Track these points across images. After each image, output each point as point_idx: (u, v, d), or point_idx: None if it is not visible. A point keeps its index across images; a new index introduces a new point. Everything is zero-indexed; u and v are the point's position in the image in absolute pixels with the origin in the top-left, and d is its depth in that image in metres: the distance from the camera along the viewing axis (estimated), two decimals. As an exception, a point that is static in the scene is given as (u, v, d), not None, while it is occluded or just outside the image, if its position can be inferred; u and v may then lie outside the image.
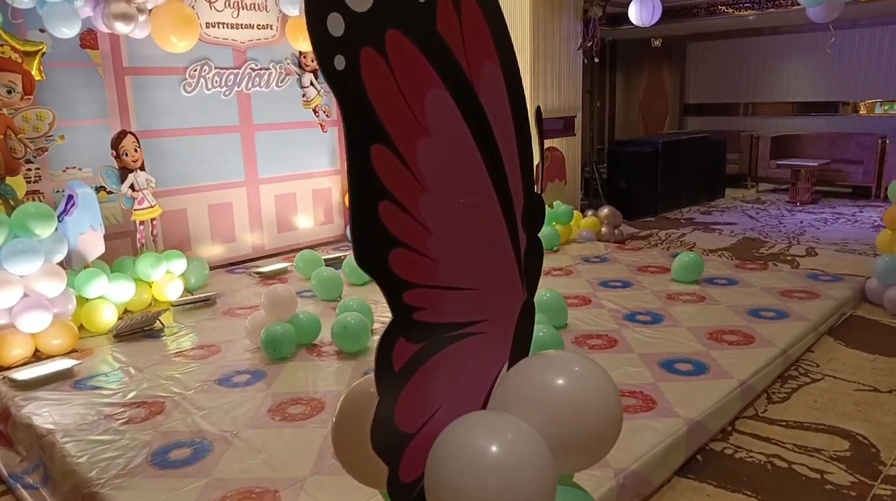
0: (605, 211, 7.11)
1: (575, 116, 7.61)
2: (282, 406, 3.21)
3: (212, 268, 5.69)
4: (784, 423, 3.17)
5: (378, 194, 1.03)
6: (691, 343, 3.83)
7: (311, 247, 6.66)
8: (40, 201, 4.80)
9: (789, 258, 6.13)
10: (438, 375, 1.21)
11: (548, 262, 5.84)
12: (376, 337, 1.31)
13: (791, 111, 10.38)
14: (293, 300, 3.92)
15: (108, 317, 4.34)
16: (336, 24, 0.95)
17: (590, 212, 7.20)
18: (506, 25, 1.26)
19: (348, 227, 6.89)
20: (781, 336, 3.87)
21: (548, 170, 6.43)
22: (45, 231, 3.85)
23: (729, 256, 6.19)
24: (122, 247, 5.20)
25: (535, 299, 1.43)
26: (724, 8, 8.90)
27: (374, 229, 1.05)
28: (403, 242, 1.09)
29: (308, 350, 3.94)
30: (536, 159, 6.89)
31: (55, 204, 4.83)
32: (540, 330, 3.50)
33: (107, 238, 4.76)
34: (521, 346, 1.43)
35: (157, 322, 4.39)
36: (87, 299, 4.33)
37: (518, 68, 1.31)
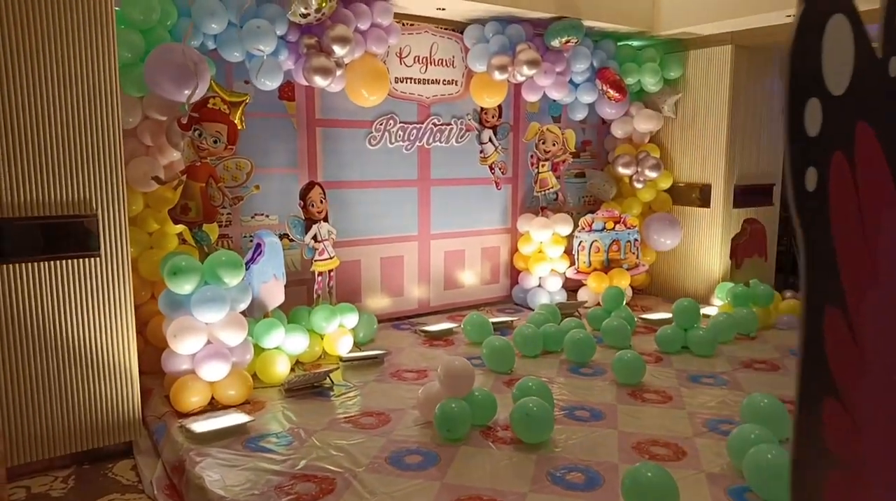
0: (807, 293, 6.23)
1: (773, 184, 6.83)
2: (459, 503, 2.86)
3: (378, 322, 5.57)
4: None
5: (825, 388, 0.64)
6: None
7: (476, 306, 6.41)
8: (228, 246, 4.93)
9: None
10: None
11: (746, 351, 5.13)
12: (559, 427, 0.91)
13: None
14: (471, 377, 3.60)
15: (281, 369, 4.27)
16: (813, 117, 0.60)
17: (788, 294, 6.35)
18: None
19: (514, 288, 6.60)
20: None
21: (745, 245, 5.74)
22: (233, 279, 3.85)
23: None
24: (298, 294, 5.20)
25: (749, 403, 0.97)
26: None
27: (814, 441, 0.65)
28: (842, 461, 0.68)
29: (482, 432, 3.58)
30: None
31: (242, 248, 4.94)
32: (769, 450, 2.90)
33: (286, 285, 4.77)
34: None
35: (328, 378, 4.26)
36: (263, 348, 4.30)
37: None
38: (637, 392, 4.26)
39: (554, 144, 6.28)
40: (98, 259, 3.48)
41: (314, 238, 4.78)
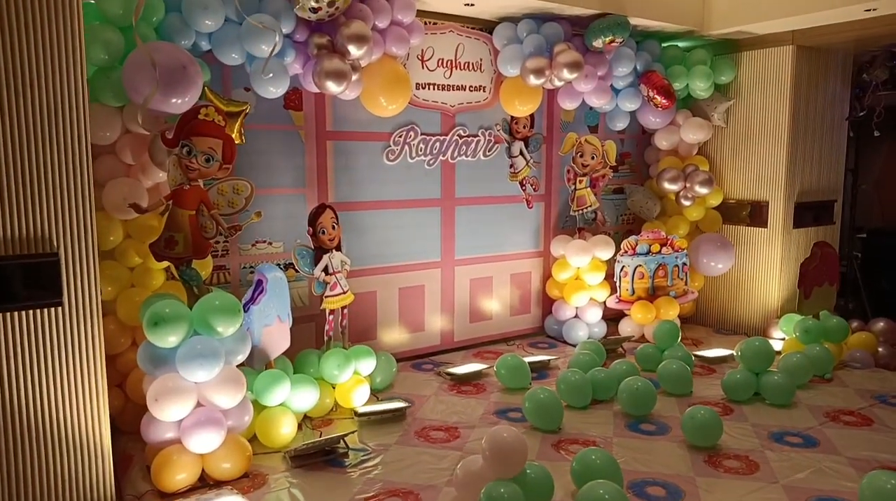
0: (880, 324, 5.51)
1: (834, 201, 6.12)
2: None
3: (397, 360, 4.87)
4: None
5: None
6: None
7: (505, 338, 5.72)
8: (226, 278, 4.24)
9: None
10: None
11: (826, 397, 4.42)
12: None
13: None
14: (524, 453, 2.87)
15: (286, 430, 3.57)
16: None
17: (855, 324, 5.62)
18: None
19: (547, 319, 5.90)
20: None
21: (816, 271, 5.02)
22: (229, 328, 3.15)
23: None
24: (306, 334, 4.51)
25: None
26: None
27: None
28: None
29: (538, 523, 2.87)
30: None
31: (241, 282, 4.25)
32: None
33: (292, 325, 4.08)
34: None
35: (342, 441, 3.56)
36: (264, 406, 3.60)
37: None
38: (714, 457, 3.55)
39: (593, 157, 5.58)
40: (60, 309, 2.79)
41: (325, 270, 4.08)
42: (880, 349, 5.28)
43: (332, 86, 3.93)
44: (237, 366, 3.33)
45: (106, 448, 2.95)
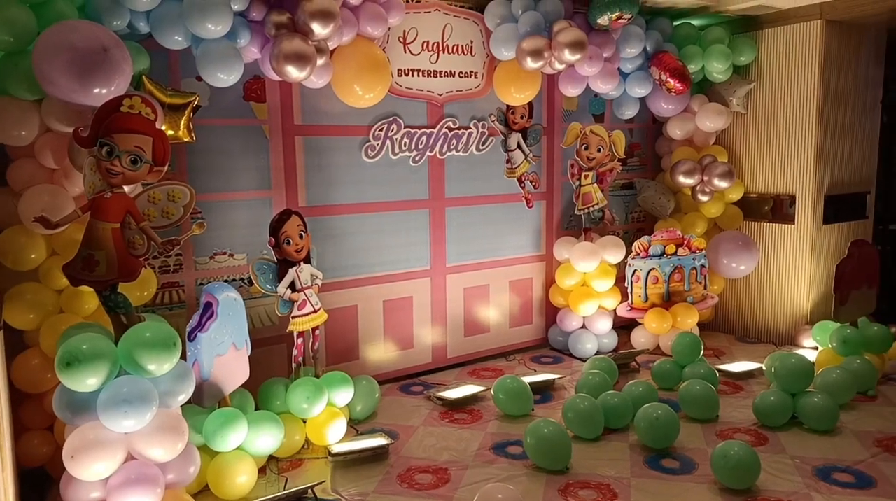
0: (922, 329, 4.91)
1: (867, 192, 5.53)
2: None
3: (382, 382, 4.32)
4: None
5: None
6: None
7: (504, 353, 5.16)
8: (179, 298, 3.68)
9: None
10: None
11: (874, 420, 3.87)
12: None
13: None
14: (524, 519, 2.31)
15: (242, 479, 3.02)
16: None
17: (893, 329, 5.03)
18: None
19: (551, 329, 5.34)
20: None
21: (853, 273, 4.44)
22: (163, 365, 2.59)
23: None
24: (277, 358, 3.96)
25: None
26: None
27: None
28: None
29: None
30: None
31: (197, 300, 3.69)
32: None
33: (255, 344, 3.54)
34: None
35: (310, 492, 3.00)
36: (216, 452, 3.05)
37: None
38: (751, 503, 2.99)
39: (599, 149, 5.00)
40: (-60, 350, 2.24)
41: (291, 286, 3.52)
42: (925, 358, 4.69)
43: (294, 72, 3.36)
44: (179, 408, 2.77)
45: (9, 517, 2.40)
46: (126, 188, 2.71)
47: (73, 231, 3.03)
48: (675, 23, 5.26)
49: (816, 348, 4.78)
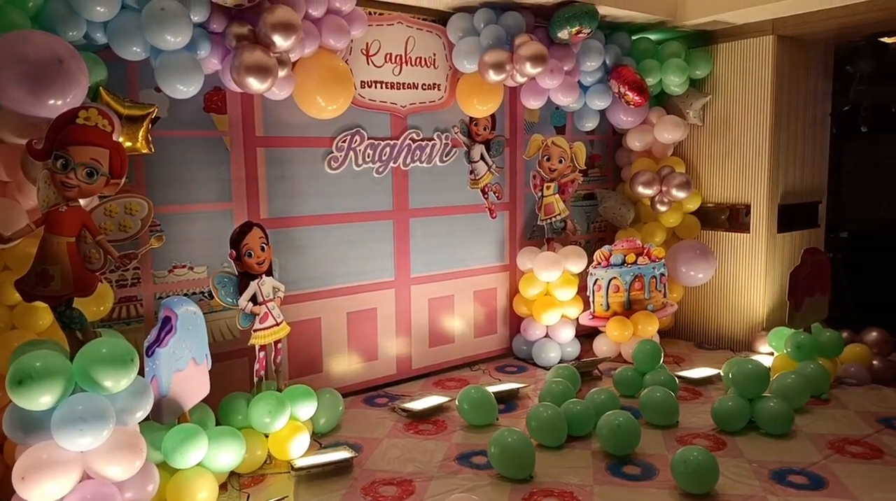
0: (873, 334, 5.09)
1: (819, 201, 5.71)
2: None
3: (346, 394, 4.30)
4: None
5: None
6: None
7: (469, 363, 5.18)
8: (137, 312, 3.62)
9: None
10: None
11: (827, 423, 3.97)
12: None
13: None
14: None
15: (203, 495, 2.97)
16: None
17: (845, 334, 5.19)
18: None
19: (515, 339, 5.38)
20: None
21: (807, 280, 4.58)
22: (119, 382, 2.54)
23: None
24: (236, 372, 3.92)
25: None
26: None
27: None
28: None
29: None
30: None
31: (155, 314, 3.63)
32: None
33: (217, 358, 3.48)
34: None
35: (272, 507, 2.97)
36: (176, 469, 2.99)
37: None
38: (711, 507, 3.05)
39: (561, 161, 5.07)
40: None
41: (253, 299, 3.49)
42: (874, 362, 4.85)
43: (255, 84, 3.34)
44: (137, 425, 2.72)
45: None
46: (82, 201, 2.66)
47: (26, 245, 2.94)
48: (634, 37, 5.38)
49: (772, 353, 4.91)
